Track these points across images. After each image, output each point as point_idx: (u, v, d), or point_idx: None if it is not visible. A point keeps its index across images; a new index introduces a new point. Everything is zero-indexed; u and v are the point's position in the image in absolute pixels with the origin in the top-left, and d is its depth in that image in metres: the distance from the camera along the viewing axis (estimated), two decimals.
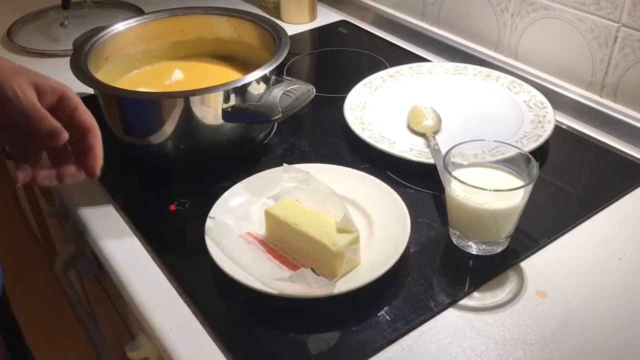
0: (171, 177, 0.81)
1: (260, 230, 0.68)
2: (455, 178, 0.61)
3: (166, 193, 0.79)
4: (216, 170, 0.80)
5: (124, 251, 0.70)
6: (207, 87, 0.74)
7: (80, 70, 0.78)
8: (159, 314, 0.62)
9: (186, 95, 0.74)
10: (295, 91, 0.76)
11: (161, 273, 0.67)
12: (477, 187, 0.60)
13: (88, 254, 0.85)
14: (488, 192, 0.60)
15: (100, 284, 0.93)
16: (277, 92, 0.75)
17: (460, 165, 0.67)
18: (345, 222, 0.62)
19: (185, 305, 0.63)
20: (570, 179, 0.79)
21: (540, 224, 0.70)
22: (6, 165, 1.56)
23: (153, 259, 0.69)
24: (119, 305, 0.87)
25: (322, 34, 1.20)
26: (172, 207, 0.75)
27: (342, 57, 1.11)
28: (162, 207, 0.75)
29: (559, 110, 0.89)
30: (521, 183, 0.63)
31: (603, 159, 0.82)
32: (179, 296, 0.64)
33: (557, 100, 0.89)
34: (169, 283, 0.66)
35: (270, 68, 0.77)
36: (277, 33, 0.86)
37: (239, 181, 0.74)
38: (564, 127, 0.87)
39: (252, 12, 0.92)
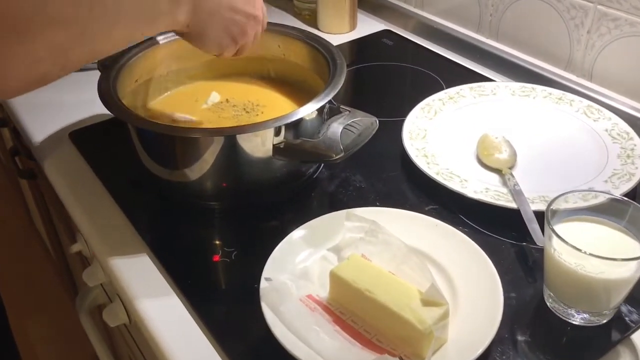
0: (211, 219, 0.72)
1: (322, 291, 0.58)
2: (562, 240, 0.51)
3: (207, 239, 0.69)
4: (261, 211, 0.71)
5: (160, 310, 0.61)
6: (255, 124, 0.64)
7: (110, 99, 0.68)
8: None
9: (232, 133, 0.64)
10: (358, 125, 0.66)
11: (205, 339, 0.57)
12: (592, 255, 0.50)
13: (114, 301, 0.76)
14: (605, 260, 0.50)
15: (129, 332, 0.83)
16: (337, 126, 0.65)
17: (559, 218, 0.56)
18: (433, 292, 0.52)
19: None
20: None
21: None
22: (21, 188, 1.47)
23: (196, 321, 0.59)
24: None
25: (364, 45, 1.10)
26: (216, 258, 0.65)
27: (389, 73, 1.01)
28: (204, 257, 0.66)
29: None
30: (638, 245, 0.54)
31: None
32: None
33: None
34: (214, 350, 0.56)
35: (330, 97, 0.67)
36: (329, 53, 0.76)
37: (287, 224, 0.64)
38: None
39: (298, 28, 0.81)
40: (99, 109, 0.88)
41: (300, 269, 0.60)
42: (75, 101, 0.91)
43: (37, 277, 1.88)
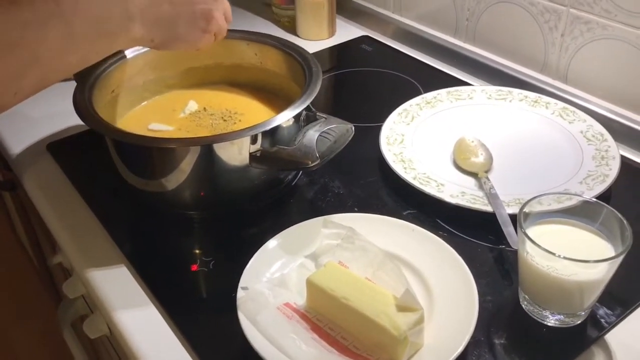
0: (189, 228, 0.72)
1: (300, 299, 0.58)
2: (535, 244, 0.52)
3: (186, 248, 0.69)
4: (240, 220, 0.71)
5: (138, 321, 0.60)
6: (231, 132, 0.64)
7: (85, 110, 0.68)
8: None
9: (207, 142, 0.64)
10: (334, 132, 0.66)
11: (183, 349, 0.57)
12: (566, 258, 0.50)
13: (95, 313, 0.76)
14: (577, 262, 0.51)
15: (110, 343, 0.83)
16: (313, 133, 0.65)
17: (532, 221, 0.57)
18: (407, 298, 0.52)
19: None
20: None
21: (618, 288, 0.59)
22: (2, 197, 1.46)
23: (175, 332, 0.59)
24: None
25: (343, 51, 1.10)
26: (194, 267, 0.65)
27: (368, 79, 1.01)
28: (183, 267, 0.66)
29: (620, 142, 0.79)
30: (609, 246, 0.54)
31: None
32: None
33: (616, 130, 0.80)
34: None
35: (306, 104, 0.67)
36: (305, 61, 0.76)
37: (266, 231, 0.64)
38: (625, 160, 0.77)
39: (274, 36, 0.82)
40: (77, 120, 0.88)
41: (277, 277, 0.60)
42: (52, 112, 0.91)
43: (21, 287, 1.87)
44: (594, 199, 0.58)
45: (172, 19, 0.61)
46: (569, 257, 0.50)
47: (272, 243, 0.63)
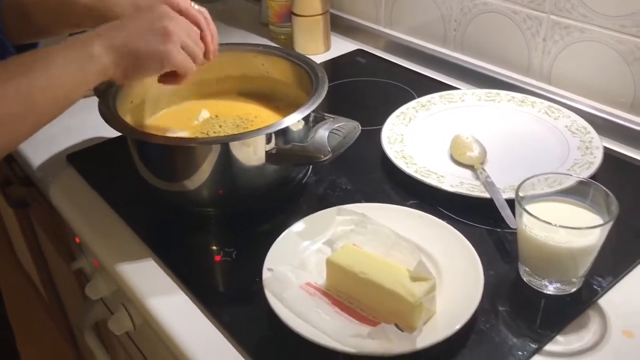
0: (210, 224, 0.77)
1: (319, 279, 0.64)
2: (532, 216, 0.58)
3: (208, 242, 0.74)
4: (255, 215, 0.76)
5: (172, 308, 0.65)
6: (248, 131, 0.71)
7: (112, 116, 0.73)
8: None
9: (226, 141, 0.70)
10: (343, 129, 0.72)
11: (216, 330, 0.62)
12: (561, 226, 0.57)
13: (119, 311, 0.80)
14: (568, 229, 0.57)
15: (132, 340, 0.87)
16: (323, 131, 0.71)
17: (528, 200, 0.63)
18: (421, 268, 0.58)
19: None
20: (623, 208, 0.75)
21: (605, 260, 0.64)
22: (2, 218, 1.50)
23: (206, 316, 0.64)
24: None
25: (339, 64, 1.17)
26: (218, 258, 0.71)
27: (365, 88, 1.08)
28: (207, 258, 0.71)
29: (602, 135, 0.86)
30: (597, 217, 0.60)
31: None
32: (238, 353, 0.59)
33: (598, 124, 0.87)
34: (226, 340, 0.61)
35: (315, 106, 0.73)
36: (311, 68, 0.82)
37: (280, 225, 0.70)
38: (607, 151, 0.84)
39: (280, 47, 0.88)
40: (93, 133, 0.94)
41: (298, 260, 0.65)
42: (69, 126, 0.95)
43: (22, 310, 1.89)
44: (584, 178, 0.64)
45: (129, 37, 0.64)
46: (564, 225, 0.56)
47: (290, 231, 0.68)
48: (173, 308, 0.65)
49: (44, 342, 1.79)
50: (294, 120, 0.72)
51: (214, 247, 0.73)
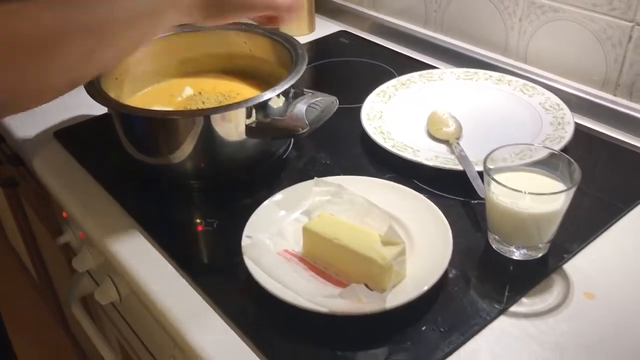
0: (192, 196, 0.79)
1: (297, 247, 0.66)
2: (499, 183, 0.61)
3: (191, 213, 0.77)
4: (237, 188, 0.78)
5: (157, 275, 0.68)
6: (229, 104, 0.72)
7: (97, 91, 0.75)
8: (202, 338, 0.60)
9: (207, 114, 0.72)
10: (320, 103, 0.75)
11: (199, 296, 0.65)
12: (525, 192, 0.59)
13: (105, 282, 0.83)
14: (533, 196, 0.60)
15: (117, 311, 0.89)
16: (301, 105, 0.73)
17: (497, 170, 0.66)
18: (391, 233, 0.60)
19: (229, 328, 0.60)
20: (593, 180, 0.78)
21: (572, 228, 0.68)
22: None
23: (189, 283, 0.66)
24: (143, 332, 0.84)
25: (323, 45, 1.19)
26: (200, 228, 0.73)
27: (347, 68, 1.10)
28: (189, 228, 0.73)
29: (575, 112, 0.89)
30: (562, 186, 0.63)
31: (624, 158, 0.82)
32: (219, 317, 0.62)
33: (571, 102, 0.89)
34: (208, 305, 0.63)
35: (293, 81, 0.76)
36: (292, 45, 0.84)
37: (261, 198, 0.72)
38: (580, 128, 0.87)
39: (262, 25, 0.90)
40: (81, 111, 0.96)
41: (276, 229, 0.68)
42: (56, 104, 0.97)
43: (15, 294, 1.91)
44: (549, 148, 0.66)
45: None
46: (528, 191, 0.59)
47: (270, 201, 0.71)
48: (158, 277, 0.68)
49: (34, 323, 1.81)
50: (273, 94, 0.74)
51: (196, 218, 0.75)
